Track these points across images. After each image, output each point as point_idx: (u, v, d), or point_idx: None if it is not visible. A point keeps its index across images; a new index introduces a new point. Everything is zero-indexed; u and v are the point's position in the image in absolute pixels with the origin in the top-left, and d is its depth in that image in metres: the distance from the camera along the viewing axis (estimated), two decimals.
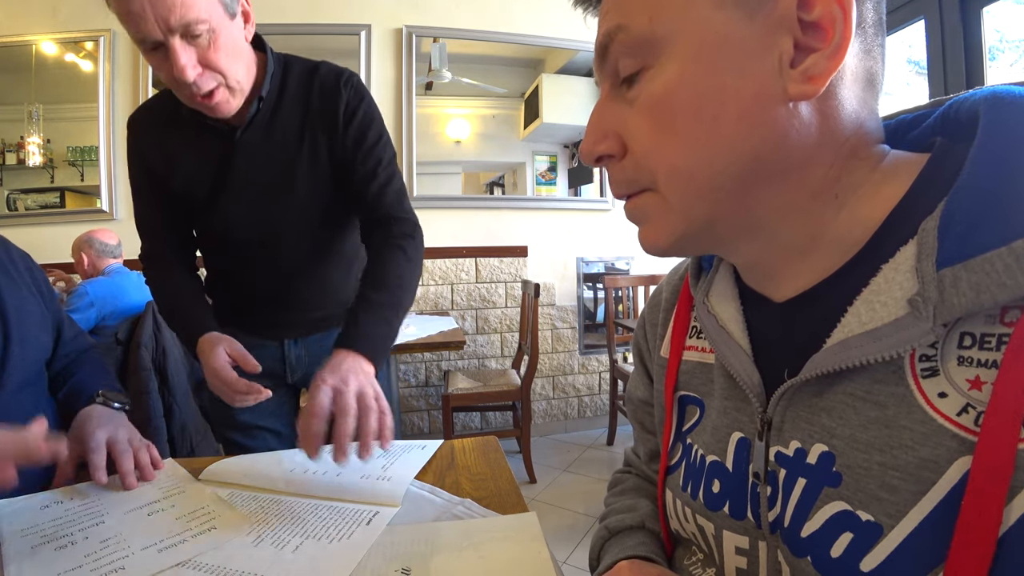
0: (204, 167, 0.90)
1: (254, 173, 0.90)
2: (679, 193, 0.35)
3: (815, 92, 0.31)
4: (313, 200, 0.93)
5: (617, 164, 0.38)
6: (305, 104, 0.89)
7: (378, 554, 0.52)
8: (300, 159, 0.90)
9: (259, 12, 0.87)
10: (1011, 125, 0.30)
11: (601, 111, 0.37)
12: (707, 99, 0.32)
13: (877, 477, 0.30)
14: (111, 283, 2.04)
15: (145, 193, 0.95)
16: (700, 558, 0.45)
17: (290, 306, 1.02)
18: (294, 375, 1.08)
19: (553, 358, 2.96)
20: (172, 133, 0.88)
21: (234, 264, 1.01)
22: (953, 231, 0.29)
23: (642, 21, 0.33)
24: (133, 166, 0.94)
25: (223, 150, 0.88)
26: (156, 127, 0.90)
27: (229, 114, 0.82)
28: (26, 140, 2.52)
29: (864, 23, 0.33)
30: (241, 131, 0.87)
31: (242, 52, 0.81)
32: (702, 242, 0.38)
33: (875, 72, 0.34)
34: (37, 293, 0.81)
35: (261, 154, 0.89)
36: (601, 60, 0.37)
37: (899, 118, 0.40)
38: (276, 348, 1.05)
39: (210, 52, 0.75)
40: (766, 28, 0.31)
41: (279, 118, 0.89)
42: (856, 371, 0.32)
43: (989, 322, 0.28)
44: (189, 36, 0.72)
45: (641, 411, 0.57)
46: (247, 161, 0.89)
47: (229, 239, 0.97)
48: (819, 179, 0.34)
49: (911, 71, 2.13)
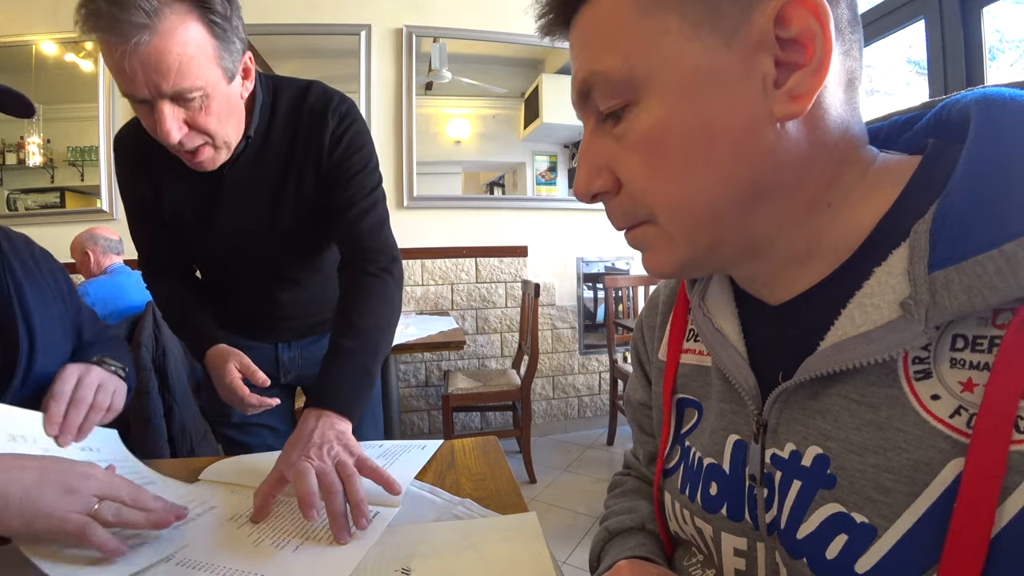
0: (190, 199, 0.88)
1: (240, 208, 0.88)
2: (680, 227, 0.35)
3: (802, 111, 0.31)
4: (301, 230, 0.92)
5: (614, 199, 0.37)
6: (293, 134, 0.86)
7: (378, 554, 0.52)
8: (286, 193, 0.87)
9: (259, 12, 0.87)
10: (1001, 127, 0.30)
11: (589, 148, 0.37)
12: (697, 138, 0.32)
13: (871, 479, 0.30)
14: (111, 283, 2.05)
15: (137, 213, 0.93)
16: (700, 559, 0.46)
17: (283, 316, 1.04)
18: (287, 376, 1.09)
19: (553, 358, 2.97)
20: (159, 160, 0.83)
21: (226, 279, 1.02)
22: (945, 234, 0.29)
23: (617, 63, 0.33)
24: (124, 187, 0.91)
25: (210, 186, 0.86)
26: (143, 150, 0.85)
27: (212, 168, 0.79)
28: (26, 140, 2.52)
29: (840, 25, 0.32)
30: (228, 169, 0.84)
31: (235, 110, 0.78)
32: (706, 266, 0.38)
33: (854, 70, 0.34)
34: (59, 298, 0.78)
35: (247, 190, 0.87)
36: (582, 101, 0.36)
37: (892, 120, 0.40)
38: (270, 350, 1.06)
39: (200, 115, 0.71)
40: (744, 52, 0.31)
41: (266, 152, 0.86)
42: (850, 373, 0.32)
43: (981, 324, 0.28)
44: (181, 100, 0.68)
45: (640, 413, 0.57)
46: (232, 197, 0.87)
47: (218, 262, 0.99)
48: (812, 190, 0.34)
49: (911, 71, 2.13)
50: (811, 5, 0.29)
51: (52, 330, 0.74)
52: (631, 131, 0.34)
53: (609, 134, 0.36)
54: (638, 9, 0.32)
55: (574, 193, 0.39)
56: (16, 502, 0.46)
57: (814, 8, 0.29)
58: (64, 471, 0.50)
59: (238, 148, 0.83)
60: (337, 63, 2.68)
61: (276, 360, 1.06)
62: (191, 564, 0.50)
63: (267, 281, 0.99)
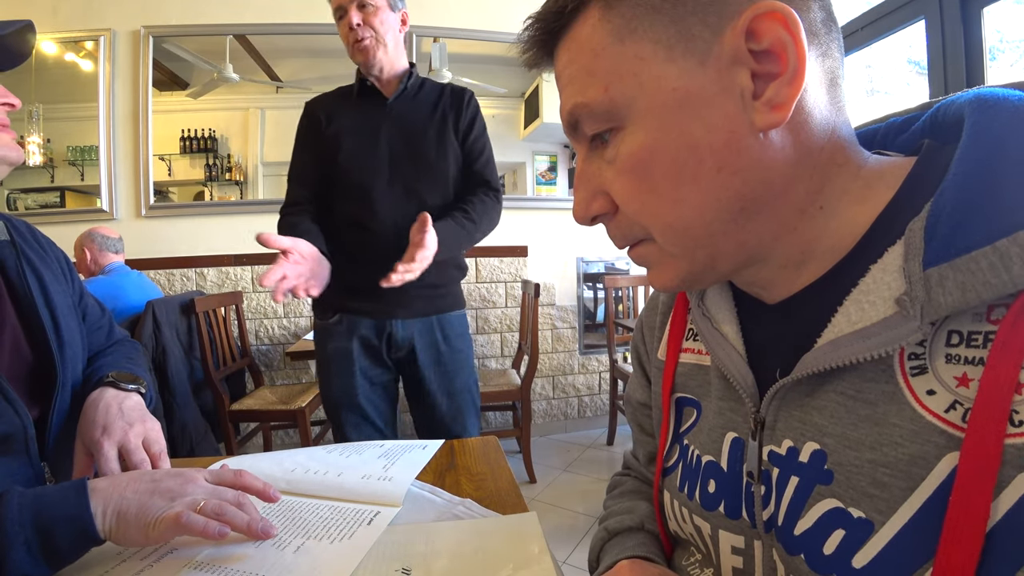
0: (363, 124, 1.25)
1: (396, 132, 1.25)
2: (677, 245, 0.36)
3: (782, 120, 0.31)
4: (434, 158, 1.25)
5: (612, 221, 0.38)
6: (439, 94, 1.30)
7: (378, 554, 0.52)
8: (431, 126, 1.26)
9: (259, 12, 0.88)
10: (995, 126, 0.30)
11: (584, 173, 0.38)
12: (683, 160, 0.33)
13: (868, 474, 0.30)
14: (111, 282, 2.04)
15: (305, 146, 1.29)
16: (698, 558, 0.46)
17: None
18: (398, 352, 1.28)
19: (553, 358, 2.97)
20: (341, 104, 1.29)
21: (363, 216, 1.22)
22: (939, 231, 0.29)
23: (598, 94, 0.34)
24: (300, 127, 1.30)
25: (377, 113, 1.25)
26: (328, 100, 1.30)
27: (372, 60, 1.20)
28: (26, 139, 2.52)
29: (814, 29, 0.32)
30: (392, 100, 1.26)
31: (391, 30, 1.22)
32: (707, 278, 0.39)
33: (835, 69, 0.34)
34: (66, 283, 0.77)
35: (403, 118, 1.26)
36: (572, 131, 0.38)
37: (889, 121, 0.40)
38: (383, 323, 1.25)
39: (371, 17, 1.18)
40: (719, 69, 0.31)
41: (419, 98, 1.28)
42: (847, 370, 0.32)
43: (976, 320, 0.29)
44: (362, 6, 1.18)
45: (640, 413, 0.57)
46: (392, 122, 1.25)
47: (363, 194, 1.22)
48: (803, 194, 0.34)
49: (911, 71, 2.13)
50: (779, 17, 0.30)
51: (71, 320, 0.73)
52: (619, 156, 0.35)
53: (601, 158, 0.37)
54: (613, 38, 0.33)
55: (574, 218, 0.40)
56: (132, 518, 0.48)
57: (782, 19, 0.30)
58: (174, 476, 0.53)
59: (399, 88, 1.25)
60: (337, 63, 2.66)
61: (389, 335, 1.26)
62: (191, 564, 0.50)
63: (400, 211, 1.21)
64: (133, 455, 0.64)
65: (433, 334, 1.29)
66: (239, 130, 2.76)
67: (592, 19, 0.34)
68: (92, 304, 0.84)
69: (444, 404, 1.31)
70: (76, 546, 0.47)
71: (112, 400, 0.67)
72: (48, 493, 0.48)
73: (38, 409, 0.66)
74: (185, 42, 2.60)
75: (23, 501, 0.46)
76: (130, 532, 0.48)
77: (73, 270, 0.81)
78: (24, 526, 0.44)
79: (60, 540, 0.45)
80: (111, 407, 0.66)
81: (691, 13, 0.31)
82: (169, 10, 2.55)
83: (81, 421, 0.66)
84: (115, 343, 0.84)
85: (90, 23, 2.51)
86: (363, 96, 1.27)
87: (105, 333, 0.84)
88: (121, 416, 0.66)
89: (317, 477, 0.68)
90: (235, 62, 2.64)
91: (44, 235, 0.79)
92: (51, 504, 0.46)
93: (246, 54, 2.69)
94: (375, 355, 1.28)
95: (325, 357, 1.29)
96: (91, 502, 0.47)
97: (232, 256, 2.61)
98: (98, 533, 0.47)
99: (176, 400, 1.94)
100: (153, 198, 2.55)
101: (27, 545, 0.44)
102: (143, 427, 0.67)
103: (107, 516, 0.48)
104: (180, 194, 2.72)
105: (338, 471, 0.68)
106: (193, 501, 0.50)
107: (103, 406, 0.66)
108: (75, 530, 0.46)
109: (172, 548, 0.53)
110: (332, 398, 1.29)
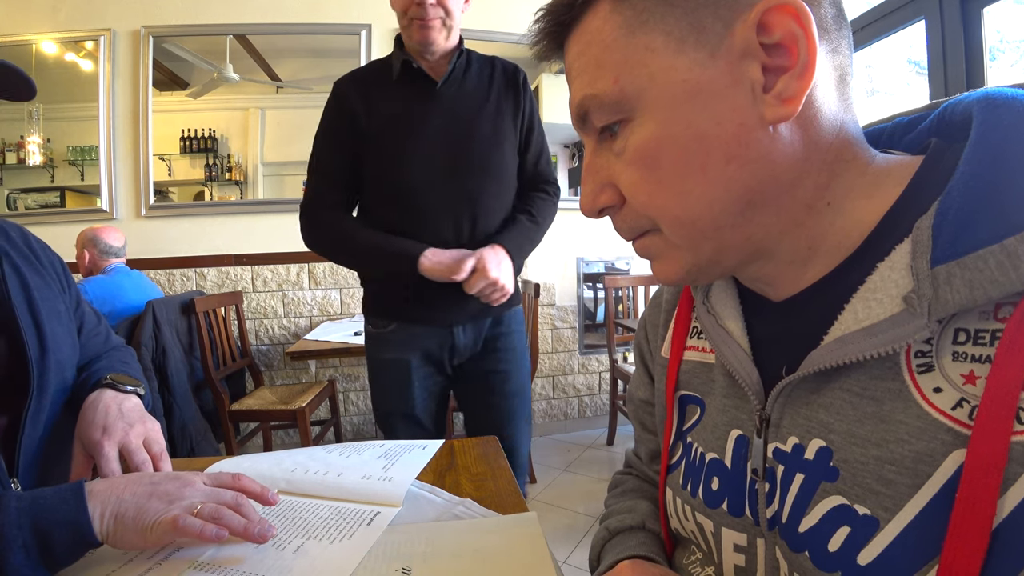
0: (408, 116, 1.11)
1: (448, 123, 1.12)
2: (684, 237, 0.36)
3: (792, 113, 0.31)
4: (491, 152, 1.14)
5: (619, 213, 0.38)
6: (490, 73, 1.19)
7: (378, 554, 0.52)
8: (484, 116, 1.15)
9: (259, 12, 0.88)
10: (1004, 125, 0.30)
11: (592, 165, 0.38)
12: (691, 151, 0.33)
13: (874, 471, 0.30)
14: (110, 282, 2.04)
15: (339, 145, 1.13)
16: (699, 557, 0.46)
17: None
18: (460, 357, 1.20)
19: (553, 358, 2.97)
20: (376, 88, 1.13)
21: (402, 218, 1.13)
22: (947, 229, 0.29)
23: (608, 85, 0.34)
24: (330, 117, 1.14)
25: (425, 100, 1.12)
26: (363, 86, 1.13)
27: (434, 44, 1.07)
28: (26, 139, 2.52)
29: (825, 24, 0.32)
30: (440, 83, 1.12)
31: (459, 10, 1.11)
32: (712, 272, 0.38)
33: (844, 66, 0.34)
34: (61, 290, 0.75)
35: (454, 105, 1.13)
36: (581, 123, 0.38)
37: (896, 120, 0.41)
38: (446, 333, 1.16)
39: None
40: (730, 62, 0.31)
41: (468, 78, 1.16)
42: (853, 367, 0.32)
43: (983, 318, 0.28)
44: None
45: (642, 411, 0.57)
46: (443, 112, 1.12)
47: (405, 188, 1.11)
48: (810, 190, 0.34)
49: (911, 71, 2.13)
50: (791, 10, 0.30)
51: (60, 328, 0.71)
52: (628, 147, 0.35)
53: (610, 150, 0.37)
54: (624, 30, 0.33)
55: (581, 210, 0.40)
56: (130, 521, 0.48)
57: (794, 12, 0.30)
58: (172, 479, 0.52)
59: (448, 69, 1.12)
60: (337, 63, 2.68)
61: (452, 344, 1.18)
62: (191, 564, 0.50)
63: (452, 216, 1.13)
64: (134, 456, 0.63)
65: (494, 335, 1.22)
66: (239, 130, 2.76)
67: (603, 11, 0.34)
68: (88, 312, 0.83)
69: (499, 405, 1.24)
70: (74, 549, 0.47)
71: (111, 401, 0.67)
72: (46, 495, 0.47)
73: (6, 417, 0.63)
74: (185, 42, 2.60)
75: (20, 504, 0.45)
76: (128, 535, 0.48)
77: (69, 276, 0.80)
78: (22, 529, 0.44)
79: (58, 543, 0.45)
80: (111, 408, 0.66)
81: (703, 5, 0.31)
82: (169, 10, 2.55)
83: (79, 423, 0.65)
84: (111, 349, 0.83)
85: (90, 23, 2.51)
86: (405, 80, 1.12)
87: (103, 339, 0.83)
88: (121, 417, 0.66)
89: (317, 477, 0.67)
90: (235, 62, 2.64)
91: (40, 240, 0.78)
92: (49, 507, 0.46)
93: (246, 54, 2.69)
94: (437, 365, 1.20)
95: (381, 366, 1.21)
96: (89, 505, 0.47)
97: (232, 256, 2.60)
98: (96, 536, 0.47)
99: (176, 400, 1.93)
100: (153, 198, 2.55)
101: (25, 548, 0.44)
102: (143, 427, 0.67)
103: (105, 519, 0.47)
104: (180, 194, 2.72)
105: (338, 471, 0.68)
106: (191, 504, 0.50)
107: (102, 407, 0.66)
108: (73, 533, 0.46)
109: (177, 548, 0.52)
110: (386, 407, 1.22)
